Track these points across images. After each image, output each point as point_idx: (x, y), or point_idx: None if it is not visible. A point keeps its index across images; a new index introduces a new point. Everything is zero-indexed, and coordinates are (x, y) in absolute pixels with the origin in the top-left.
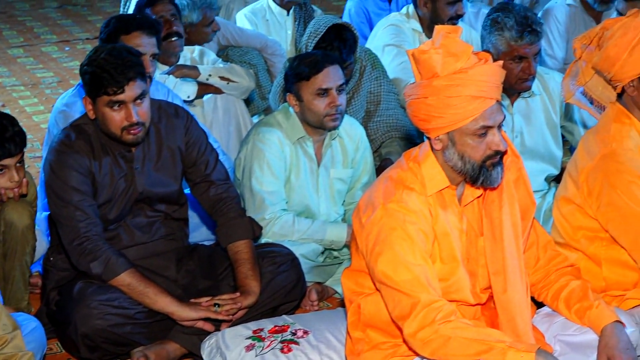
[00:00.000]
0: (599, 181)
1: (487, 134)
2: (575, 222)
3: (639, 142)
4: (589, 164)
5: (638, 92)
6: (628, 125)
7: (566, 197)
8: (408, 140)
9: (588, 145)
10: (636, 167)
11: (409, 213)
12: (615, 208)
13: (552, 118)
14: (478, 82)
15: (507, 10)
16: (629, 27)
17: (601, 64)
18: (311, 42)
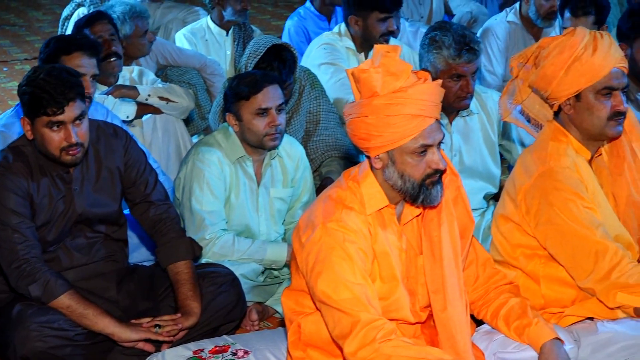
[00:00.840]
0: (537, 199)
1: (427, 152)
2: (513, 240)
3: (576, 159)
4: (527, 182)
5: (575, 111)
6: (565, 143)
7: (504, 215)
8: (348, 159)
9: (526, 164)
10: (573, 184)
11: (348, 232)
12: (553, 225)
13: (490, 137)
14: (417, 100)
15: (445, 29)
16: (564, 46)
17: (538, 83)
18: (251, 63)
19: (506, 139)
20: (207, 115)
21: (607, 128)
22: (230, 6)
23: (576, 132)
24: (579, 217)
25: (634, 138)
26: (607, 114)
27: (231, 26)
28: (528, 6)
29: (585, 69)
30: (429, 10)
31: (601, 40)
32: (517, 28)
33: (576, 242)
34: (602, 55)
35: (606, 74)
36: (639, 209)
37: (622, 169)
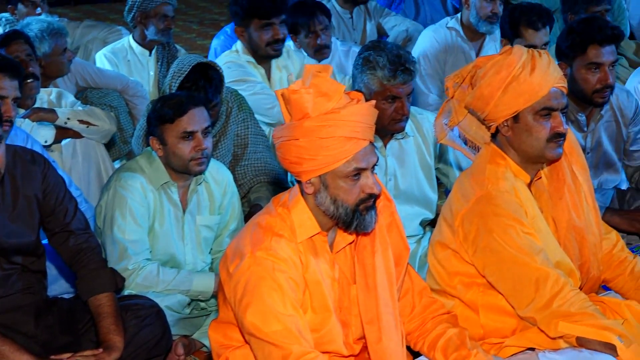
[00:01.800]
0: (475, 225)
1: (361, 176)
2: (451, 268)
3: (515, 183)
4: (464, 207)
5: (513, 132)
6: (503, 166)
7: (441, 242)
8: (278, 184)
9: (463, 188)
10: (513, 209)
11: (278, 261)
12: (492, 252)
13: (426, 160)
14: (350, 122)
15: (379, 49)
16: (501, 66)
17: (474, 104)
18: (175, 82)
19: (443, 162)
20: (129, 139)
21: (546, 150)
22: (153, 25)
23: (515, 154)
24: (518, 243)
25: (574, 160)
26: (547, 135)
27: (154, 46)
28: (469, 11)
29: (523, 89)
30: (361, 35)
31: (539, 59)
32: (457, 35)
33: (516, 270)
34: (540, 75)
35: (545, 94)
36: (579, 234)
37: (562, 192)
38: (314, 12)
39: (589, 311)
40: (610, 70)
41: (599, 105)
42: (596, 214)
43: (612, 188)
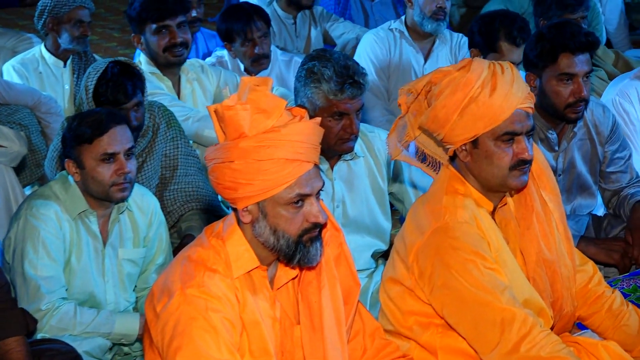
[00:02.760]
0: (431, 260)
1: (304, 203)
2: (405, 307)
3: (476, 212)
4: (419, 240)
5: (471, 158)
6: (462, 194)
7: (394, 279)
8: (212, 212)
9: (417, 218)
10: (473, 242)
11: (211, 299)
12: (451, 291)
13: (378, 184)
14: (292, 142)
15: (324, 59)
16: (458, 84)
17: (429, 125)
18: (91, 82)
19: (397, 185)
20: (42, 161)
21: (509, 179)
22: (66, 32)
23: (475, 181)
24: (480, 280)
25: (543, 184)
26: (509, 163)
27: (69, 55)
28: (412, 10)
29: (483, 112)
30: (305, 42)
31: (501, 76)
32: (401, 36)
33: (478, 310)
34: (502, 96)
35: (507, 117)
36: (550, 267)
37: (530, 221)
38: (250, 18)
39: (562, 355)
40: (585, 82)
41: (571, 121)
42: (569, 244)
43: (587, 214)
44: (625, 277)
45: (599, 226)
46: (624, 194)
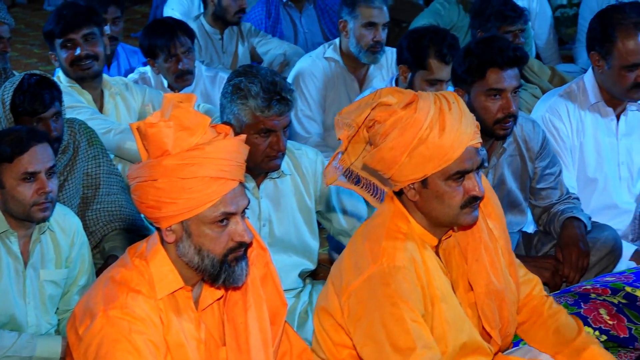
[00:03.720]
0: (362, 305)
1: (229, 222)
2: (338, 340)
3: (416, 254)
4: (355, 282)
5: (421, 198)
6: (404, 233)
7: (327, 310)
8: (135, 232)
9: (357, 254)
10: (405, 291)
11: (135, 321)
12: (372, 341)
13: (305, 202)
14: (217, 160)
15: (251, 75)
16: (406, 125)
17: (375, 165)
18: (8, 94)
19: (325, 204)
20: None
21: (460, 217)
22: None
23: (422, 218)
24: (401, 334)
25: (488, 212)
26: (460, 201)
27: None
28: (348, 39)
29: (432, 152)
30: (232, 58)
31: (449, 113)
32: (336, 66)
33: None
34: (452, 135)
35: (457, 156)
36: (499, 297)
37: (479, 253)
38: (174, 33)
39: None
40: (513, 97)
41: (500, 137)
42: (513, 269)
43: (518, 231)
44: (556, 295)
45: (529, 243)
46: (554, 210)
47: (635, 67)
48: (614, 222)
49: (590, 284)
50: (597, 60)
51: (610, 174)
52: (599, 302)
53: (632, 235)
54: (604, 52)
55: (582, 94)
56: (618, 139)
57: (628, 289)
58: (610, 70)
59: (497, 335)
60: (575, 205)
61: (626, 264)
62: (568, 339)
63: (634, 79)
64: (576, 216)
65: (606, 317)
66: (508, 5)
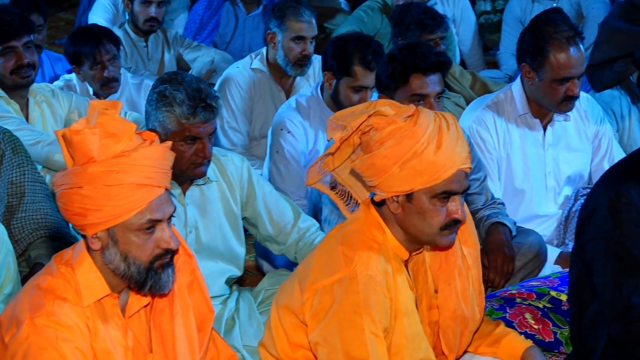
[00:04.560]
0: (326, 308)
1: (155, 229)
2: (296, 339)
3: (388, 266)
4: (323, 280)
5: (403, 211)
6: (379, 243)
7: (289, 307)
8: (61, 239)
9: (330, 254)
10: (371, 302)
11: (61, 329)
12: (328, 344)
13: (231, 208)
14: (143, 167)
15: (176, 82)
16: (403, 136)
17: (364, 171)
18: None
19: (251, 210)
20: None
21: (438, 237)
22: None
23: (399, 232)
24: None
25: (464, 239)
26: (442, 222)
27: None
28: (275, 51)
29: (424, 168)
30: (158, 66)
31: (447, 133)
32: (263, 77)
33: None
34: (447, 155)
35: (448, 177)
36: (464, 323)
37: (452, 277)
38: (99, 40)
39: None
40: (437, 103)
41: None
42: (481, 300)
43: None
44: None
45: None
46: (480, 215)
47: (566, 80)
48: (540, 229)
49: (516, 289)
50: (527, 72)
51: (537, 185)
52: (525, 307)
53: (557, 240)
54: (536, 65)
55: (510, 105)
56: (545, 150)
57: (553, 293)
58: (541, 82)
59: (452, 359)
60: (500, 210)
61: (551, 268)
62: (488, 331)
63: (565, 92)
64: (501, 221)
65: (531, 322)
66: (428, 13)
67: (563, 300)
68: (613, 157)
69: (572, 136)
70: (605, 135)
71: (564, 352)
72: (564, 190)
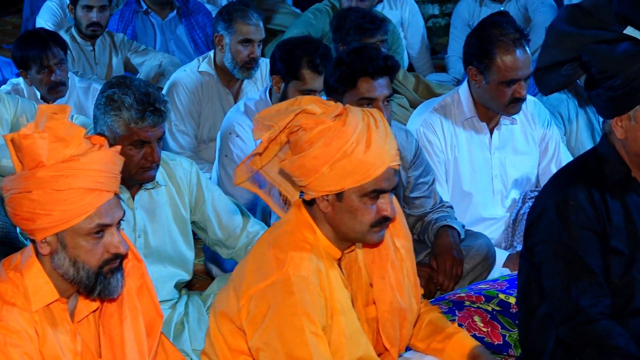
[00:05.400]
0: (262, 312)
1: (105, 234)
2: (235, 345)
3: (321, 265)
4: (257, 285)
5: (333, 210)
6: (310, 243)
7: (226, 314)
8: (9, 244)
9: (261, 259)
10: (307, 302)
11: (10, 334)
12: (269, 348)
13: (180, 213)
14: (92, 172)
15: (124, 86)
16: (333, 137)
17: (293, 171)
18: None
19: (200, 214)
20: None
21: (368, 235)
22: None
23: (329, 230)
24: (299, 346)
25: (396, 232)
26: (372, 220)
27: None
28: (223, 53)
29: (354, 167)
30: (106, 70)
31: (376, 131)
32: (211, 80)
33: None
34: (376, 153)
35: (377, 175)
36: (402, 315)
37: (385, 270)
38: (46, 44)
39: None
40: (385, 106)
41: None
42: (417, 291)
43: None
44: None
45: None
46: (428, 219)
47: (513, 82)
48: (488, 232)
49: (465, 292)
50: (474, 75)
51: (484, 188)
52: (473, 310)
53: (505, 243)
54: (482, 68)
55: (457, 108)
56: (491, 153)
57: (502, 296)
58: (488, 85)
59: (395, 352)
60: (449, 213)
61: (499, 271)
62: (440, 328)
63: (512, 94)
64: (450, 224)
65: (480, 324)
66: (366, 17)
67: (512, 303)
68: (560, 160)
69: (518, 139)
70: (552, 138)
71: (513, 354)
72: (511, 194)
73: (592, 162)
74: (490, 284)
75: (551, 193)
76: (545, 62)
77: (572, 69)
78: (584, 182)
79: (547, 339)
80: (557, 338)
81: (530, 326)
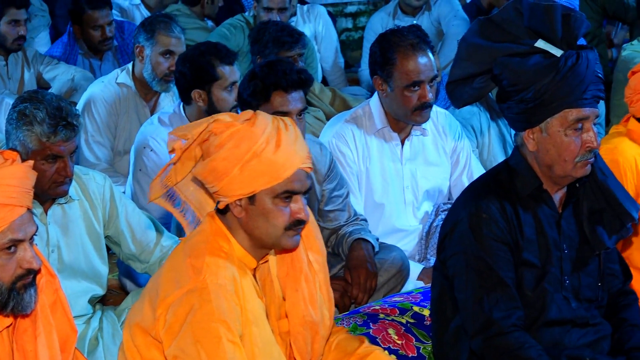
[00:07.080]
0: (179, 320)
1: (17, 249)
2: (148, 356)
3: (236, 273)
4: (173, 294)
5: (246, 214)
6: (226, 252)
7: (141, 326)
8: None
9: (177, 269)
10: (224, 310)
11: None
12: (186, 355)
13: (94, 227)
14: (4, 187)
15: (36, 101)
16: (242, 138)
17: (205, 176)
18: None
19: (114, 226)
20: None
21: (283, 238)
22: None
23: (244, 238)
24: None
25: (310, 245)
26: (286, 222)
27: None
28: (143, 65)
29: (265, 168)
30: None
31: (285, 133)
32: (128, 92)
33: None
34: (286, 154)
35: (288, 176)
36: (314, 329)
37: (298, 283)
38: None
39: None
40: (299, 120)
41: None
42: (330, 304)
43: None
44: (345, 316)
45: None
46: (342, 232)
47: (415, 85)
48: (401, 244)
49: (379, 305)
50: (380, 84)
51: (395, 199)
52: (388, 322)
53: (419, 256)
54: (386, 76)
55: (368, 119)
56: (403, 164)
57: (416, 309)
58: (393, 92)
59: None
60: (363, 226)
61: (414, 283)
62: (350, 350)
63: (418, 99)
64: (364, 237)
65: (395, 337)
66: (285, 31)
67: (426, 316)
68: (472, 173)
69: (430, 151)
70: (464, 150)
71: None
72: (423, 205)
73: (504, 175)
74: (404, 297)
75: (464, 205)
76: (458, 75)
77: (484, 81)
78: (496, 194)
79: (461, 351)
80: (470, 350)
81: (443, 338)
